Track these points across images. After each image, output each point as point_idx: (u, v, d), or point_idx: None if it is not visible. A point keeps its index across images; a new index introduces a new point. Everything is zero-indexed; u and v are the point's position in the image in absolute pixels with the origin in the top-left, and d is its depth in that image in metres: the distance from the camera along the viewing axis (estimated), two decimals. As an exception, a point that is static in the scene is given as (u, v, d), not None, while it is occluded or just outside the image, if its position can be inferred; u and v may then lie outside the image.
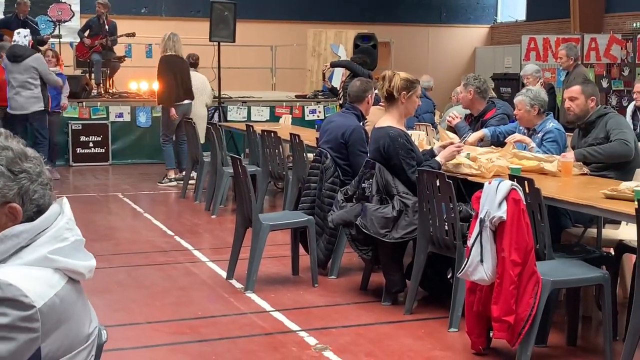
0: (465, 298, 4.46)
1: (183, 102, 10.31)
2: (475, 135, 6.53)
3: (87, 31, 13.30)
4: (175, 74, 10.22)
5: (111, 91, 13.65)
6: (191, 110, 10.47)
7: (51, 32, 13.80)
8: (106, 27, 13.18)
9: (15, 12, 13.00)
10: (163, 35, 10.39)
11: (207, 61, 12.14)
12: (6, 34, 12.24)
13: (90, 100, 12.99)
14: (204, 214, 8.75)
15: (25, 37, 10.53)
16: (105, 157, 12.70)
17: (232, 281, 5.89)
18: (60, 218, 1.87)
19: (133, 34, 13.34)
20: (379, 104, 6.48)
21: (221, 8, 12.24)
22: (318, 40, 16.21)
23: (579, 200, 4.41)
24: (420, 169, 5.04)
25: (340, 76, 13.29)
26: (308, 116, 13.62)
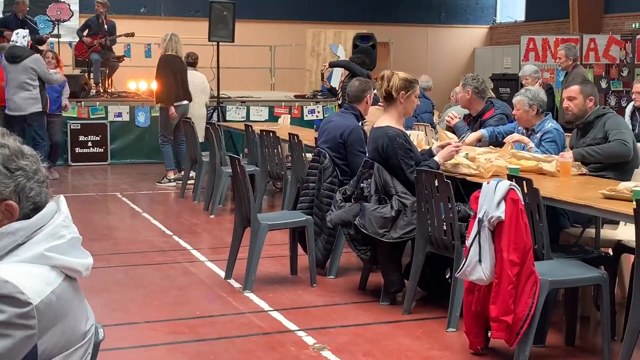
0: (464, 298, 4.46)
1: (182, 103, 10.31)
2: (473, 135, 6.53)
3: (86, 31, 13.27)
4: (175, 74, 10.21)
5: (110, 91, 13.64)
6: (189, 110, 10.47)
7: (50, 32, 13.80)
8: (105, 27, 13.17)
9: (14, 12, 12.96)
10: (164, 36, 10.37)
11: (206, 61, 12.12)
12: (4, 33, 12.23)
13: (89, 99, 12.97)
14: (202, 213, 8.74)
15: (24, 38, 10.49)
16: (104, 157, 12.69)
17: (231, 281, 5.89)
18: (57, 216, 1.87)
19: (132, 34, 13.33)
20: (378, 104, 6.48)
21: (220, 8, 12.23)
22: (317, 40, 16.20)
23: (577, 200, 4.40)
24: (419, 169, 5.03)
25: (339, 76, 13.32)
26: (307, 116, 13.62)
